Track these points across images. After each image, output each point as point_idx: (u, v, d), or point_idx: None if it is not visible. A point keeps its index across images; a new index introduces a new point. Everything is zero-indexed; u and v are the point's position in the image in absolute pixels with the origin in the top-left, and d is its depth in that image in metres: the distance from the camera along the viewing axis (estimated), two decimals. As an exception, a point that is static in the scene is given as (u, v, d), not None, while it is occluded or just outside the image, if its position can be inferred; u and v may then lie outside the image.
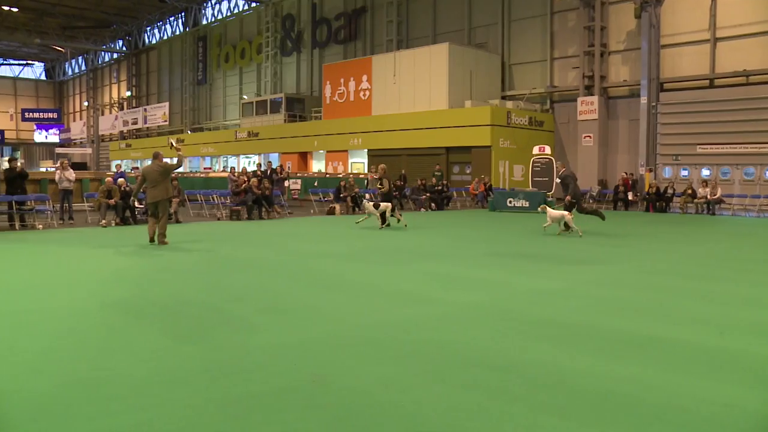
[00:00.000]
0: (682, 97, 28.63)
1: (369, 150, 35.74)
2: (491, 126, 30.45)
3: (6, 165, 18.99)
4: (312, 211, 23.98)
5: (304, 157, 40.72)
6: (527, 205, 23.79)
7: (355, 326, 6.50)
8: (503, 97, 34.79)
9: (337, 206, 23.05)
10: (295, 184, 30.92)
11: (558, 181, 17.64)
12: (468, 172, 31.39)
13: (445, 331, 6.30)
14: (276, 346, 5.77)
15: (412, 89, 34.04)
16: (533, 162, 25.78)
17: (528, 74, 34.67)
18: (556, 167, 19.32)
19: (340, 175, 31.29)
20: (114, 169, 57.81)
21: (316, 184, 30.30)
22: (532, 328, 6.48)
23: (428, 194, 25.72)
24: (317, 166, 40.00)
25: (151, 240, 13.57)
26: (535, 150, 25.98)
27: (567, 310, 7.31)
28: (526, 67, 34.75)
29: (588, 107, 31.26)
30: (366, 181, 27.90)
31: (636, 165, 29.88)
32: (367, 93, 36.42)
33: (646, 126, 28.94)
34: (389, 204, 17.38)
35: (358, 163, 37.43)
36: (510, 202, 24.25)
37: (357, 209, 23.34)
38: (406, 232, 16.03)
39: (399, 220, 17.53)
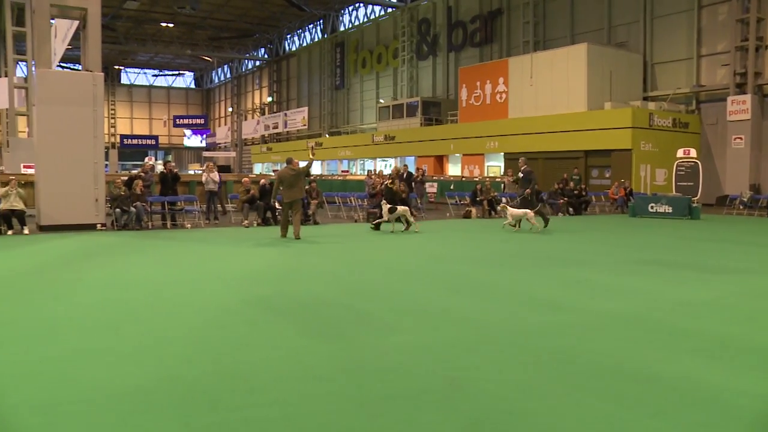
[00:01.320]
0: None
1: (505, 153, 35.30)
2: (632, 128, 29.26)
3: (161, 168, 20.32)
4: (448, 214, 23.97)
5: (440, 160, 40.82)
6: (670, 210, 22.65)
7: (491, 330, 6.42)
8: (645, 98, 33.33)
9: (473, 210, 22.89)
10: (431, 188, 31.04)
11: (520, 176, 18.11)
12: (607, 176, 30.31)
13: (583, 339, 6.09)
14: (411, 347, 5.79)
15: (550, 91, 33.30)
16: (677, 166, 24.55)
17: (672, 73, 33.04)
18: (519, 163, 18.85)
19: (476, 179, 31.10)
20: (261, 170, 60.55)
21: (452, 187, 30.28)
22: (678, 339, 6.14)
23: (566, 198, 25.05)
24: (453, 169, 39.98)
25: (283, 236, 15.13)
26: (680, 153, 24.73)
27: (716, 322, 6.87)
28: (669, 66, 33.14)
29: (739, 107, 29.37)
30: (503, 185, 27.59)
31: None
32: (504, 96, 36.00)
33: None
34: (406, 207, 16.98)
35: (495, 166, 37.08)
36: (652, 207, 23.18)
37: (493, 213, 23.15)
38: (545, 237, 15.68)
39: (408, 226, 16.91)
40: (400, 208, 16.94)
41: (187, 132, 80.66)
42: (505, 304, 7.69)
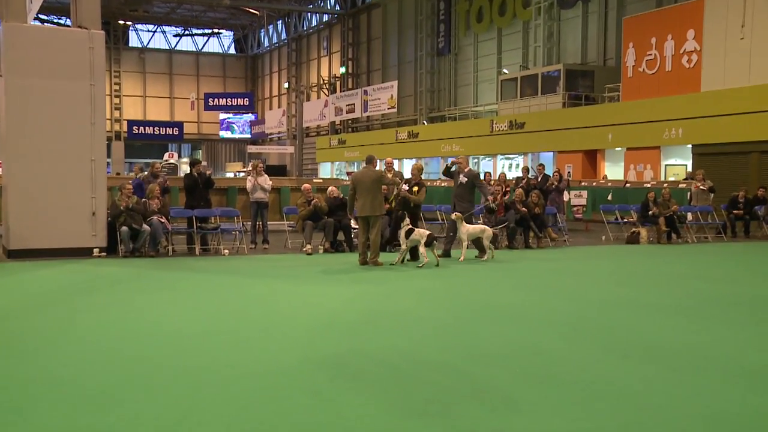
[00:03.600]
0: None
1: (694, 146, 34.59)
2: None
3: (187, 168, 20.78)
4: (604, 237, 23.65)
5: (591, 157, 40.36)
6: None
7: (679, 417, 6.28)
8: None
9: (643, 230, 22.50)
10: (578, 198, 30.64)
11: (463, 180, 18.76)
12: None
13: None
14: (552, 433, 5.72)
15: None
16: None
17: None
18: (457, 160, 18.56)
19: (648, 185, 30.56)
20: (331, 173, 60.95)
21: (610, 197, 29.82)
22: None
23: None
24: (612, 170, 39.43)
25: (362, 262, 16.15)
26: None
27: None
28: None
29: None
30: (689, 195, 26.99)
31: None
32: (694, 57, 35.28)
33: None
34: (424, 232, 16.26)
35: (676, 165, 36.33)
36: None
37: (675, 235, 22.66)
38: None
39: (421, 262, 16.27)
40: (418, 232, 16.27)
41: (225, 117, 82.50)
42: (708, 377, 7.51)
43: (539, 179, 24.77)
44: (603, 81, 43.09)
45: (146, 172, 20.93)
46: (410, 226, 16.50)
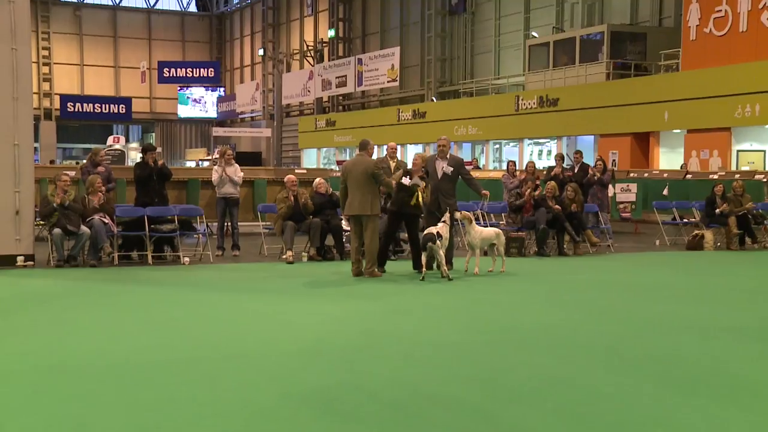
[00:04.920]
0: None
1: (775, 127, 34.65)
2: None
3: (138, 157, 20.73)
4: (658, 241, 23.66)
5: (642, 141, 40.28)
6: None
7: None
8: None
9: (708, 233, 22.47)
10: (625, 193, 30.62)
11: (447, 171, 17.78)
12: None
13: None
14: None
15: None
16: None
17: None
18: (441, 143, 18.01)
19: (715, 176, 30.55)
20: (318, 162, 60.54)
21: (666, 192, 29.84)
22: None
23: None
24: (668, 158, 39.43)
25: (356, 272, 16.23)
26: None
27: None
28: None
29: None
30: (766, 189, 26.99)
31: None
32: (774, 14, 35.30)
33: None
34: (438, 229, 16.05)
35: (752, 151, 36.37)
36: None
37: (750, 239, 22.62)
38: None
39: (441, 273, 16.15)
40: (433, 229, 16.04)
41: (184, 92, 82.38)
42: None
43: (576, 170, 24.74)
44: (658, 46, 43.05)
45: (86, 161, 20.89)
46: (427, 230, 16.19)
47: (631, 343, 10.38)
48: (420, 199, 16.75)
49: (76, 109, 73.96)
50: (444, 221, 16.32)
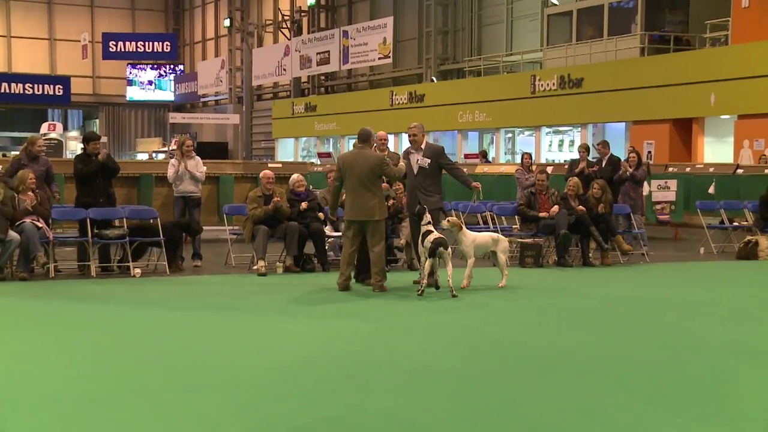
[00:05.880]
0: None
1: None
2: None
3: (79, 148, 20.60)
4: (702, 249, 23.70)
5: (683, 129, 40.16)
6: None
7: None
8: None
9: (763, 239, 22.51)
10: (663, 191, 30.63)
11: (423, 163, 17.59)
12: None
13: None
14: None
15: None
16: None
17: None
18: (412, 131, 17.83)
19: (771, 170, 30.63)
20: (295, 155, 60.17)
21: (712, 190, 29.90)
22: None
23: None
24: (714, 149, 39.48)
25: (344, 285, 16.24)
26: None
27: None
28: None
29: None
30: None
31: None
32: None
33: None
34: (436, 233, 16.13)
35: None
36: None
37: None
38: None
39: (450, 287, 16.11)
40: (436, 233, 16.11)
41: (135, 70, 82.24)
42: None
43: (604, 164, 24.74)
44: (702, 15, 43.08)
45: (19, 153, 20.80)
46: (427, 228, 16.27)
47: (671, 371, 10.38)
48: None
49: (3, 90, 73.72)
50: (427, 225, 16.18)
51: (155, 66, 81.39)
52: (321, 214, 19.38)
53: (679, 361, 10.94)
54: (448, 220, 17.12)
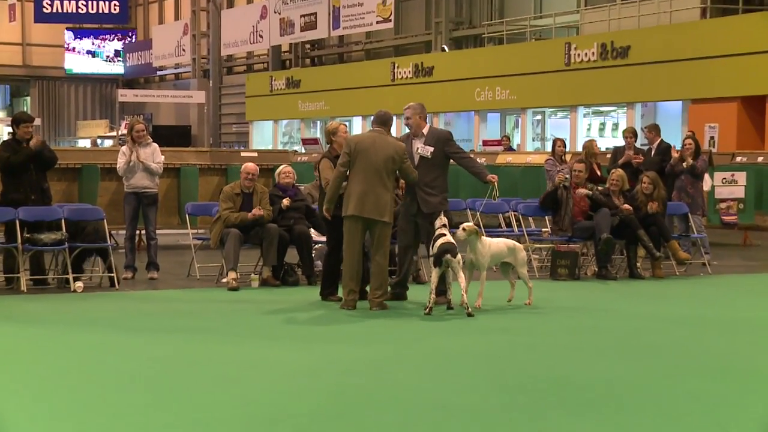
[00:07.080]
0: None
1: None
2: None
3: (6, 133, 20.57)
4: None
5: (754, 109, 40.22)
6: None
7: None
8: None
9: None
10: (728, 186, 30.69)
11: (424, 152, 17.30)
12: None
13: None
14: None
15: None
16: None
17: None
18: (408, 114, 17.52)
19: None
20: (274, 142, 60.17)
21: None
22: None
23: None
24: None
25: (351, 304, 16.17)
26: None
27: None
28: None
29: None
30: None
31: None
32: None
33: None
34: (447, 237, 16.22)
35: None
36: None
37: None
38: None
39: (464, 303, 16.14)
40: (447, 238, 16.19)
41: (74, 41, 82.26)
42: None
43: (654, 152, 24.75)
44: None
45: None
46: (441, 231, 16.29)
47: (738, 408, 10.40)
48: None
49: None
50: (442, 228, 16.17)
51: (101, 31, 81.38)
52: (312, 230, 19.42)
53: (750, 396, 10.99)
54: (464, 229, 16.72)
